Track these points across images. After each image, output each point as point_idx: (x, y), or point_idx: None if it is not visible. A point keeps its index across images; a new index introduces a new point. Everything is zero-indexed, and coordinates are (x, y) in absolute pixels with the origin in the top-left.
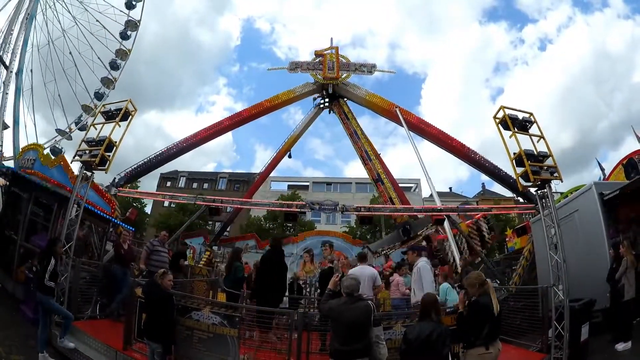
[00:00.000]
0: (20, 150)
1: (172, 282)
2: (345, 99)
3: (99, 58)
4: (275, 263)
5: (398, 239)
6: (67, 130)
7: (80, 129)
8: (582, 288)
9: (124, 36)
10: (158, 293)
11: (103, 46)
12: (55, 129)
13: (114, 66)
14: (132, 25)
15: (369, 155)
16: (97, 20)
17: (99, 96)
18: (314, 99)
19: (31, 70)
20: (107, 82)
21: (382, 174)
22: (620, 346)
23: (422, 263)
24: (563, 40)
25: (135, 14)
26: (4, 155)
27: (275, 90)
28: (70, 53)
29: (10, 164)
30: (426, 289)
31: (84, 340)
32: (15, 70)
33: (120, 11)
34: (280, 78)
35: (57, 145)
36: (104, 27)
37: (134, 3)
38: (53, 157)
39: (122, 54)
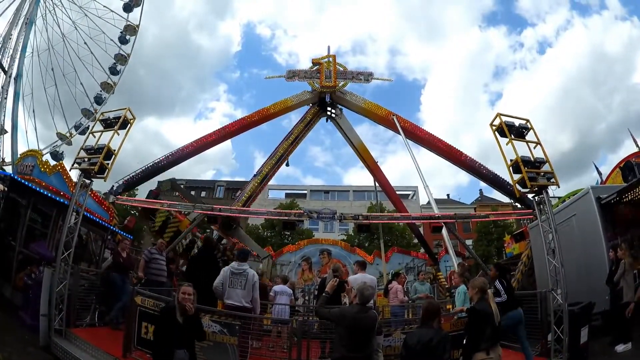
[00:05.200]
0: (19, 156)
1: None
2: (339, 107)
3: (98, 62)
4: (204, 260)
5: None
6: (68, 134)
7: (81, 134)
8: (581, 291)
9: (123, 40)
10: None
11: (103, 50)
12: (57, 133)
13: (113, 71)
14: (130, 29)
15: (278, 158)
16: (96, 25)
17: (99, 100)
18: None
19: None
20: (107, 87)
21: (261, 175)
22: (620, 347)
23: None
24: (562, 43)
25: (134, 18)
26: (4, 160)
27: (275, 97)
28: (70, 57)
29: (8, 169)
30: None
31: (83, 348)
32: (14, 75)
33: (119, 15)
34: (281, 84)
35: (57, 150)
36: (103, 32)
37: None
38: (54, 162)
39: (122, 59)
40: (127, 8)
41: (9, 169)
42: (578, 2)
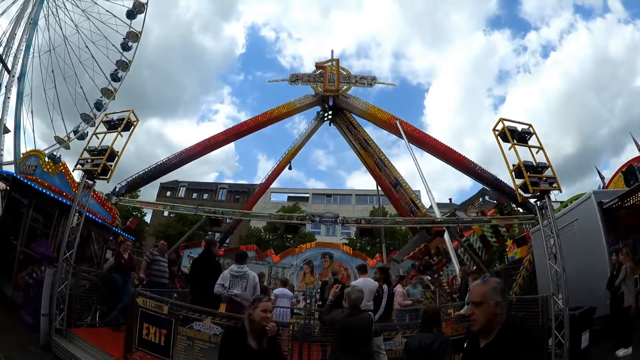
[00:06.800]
0: (22, 155)
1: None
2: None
3: (99, 66)
4: (206, 263)
5: (423, 240)
6: (66, 138)
7: (79, 139)
8: (582, 296)
9: (125, 47)
10: None
11: (105, 51)
12: (54, 137)
13: (115, 78)
14: (132, 36)
15: (383, 163)
16: (98, 29)
17: (99, 106)
18: (318, 113)
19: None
20: (107, 93)
21: (400, 178)
22: (621, 352)
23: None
24: (565, 46)
25: (136, 24)
26: (1, 158)
27: (279, 99)
28: (71, 60)
29: (10, 168)
30: None
31: (84, 348)
32: (17, 74)
33: (122, 21)
34: (285, 88)
35: (54, 153)
36: (106, 37)
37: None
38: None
39: (123, 65)
40: (130, 15)
41: (7, 168)
42: (581, 5)
